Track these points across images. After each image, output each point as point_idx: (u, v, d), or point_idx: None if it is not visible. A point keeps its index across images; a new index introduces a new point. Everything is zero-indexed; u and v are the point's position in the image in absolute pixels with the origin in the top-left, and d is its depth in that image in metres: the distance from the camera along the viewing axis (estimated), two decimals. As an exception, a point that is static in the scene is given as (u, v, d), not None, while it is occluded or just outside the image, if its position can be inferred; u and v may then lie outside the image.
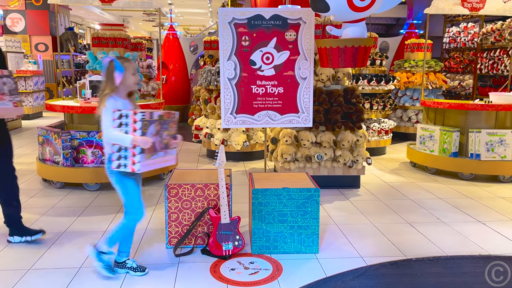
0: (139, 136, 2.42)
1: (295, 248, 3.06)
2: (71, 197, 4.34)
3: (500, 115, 5.12)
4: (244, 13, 3.62)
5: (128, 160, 2.47)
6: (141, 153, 2.44)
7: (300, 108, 3.79)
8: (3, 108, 2.81)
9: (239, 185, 4.66)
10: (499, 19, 7.88)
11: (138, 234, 3.37)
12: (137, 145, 2.42)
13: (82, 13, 17.57)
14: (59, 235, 3.38)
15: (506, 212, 3.98)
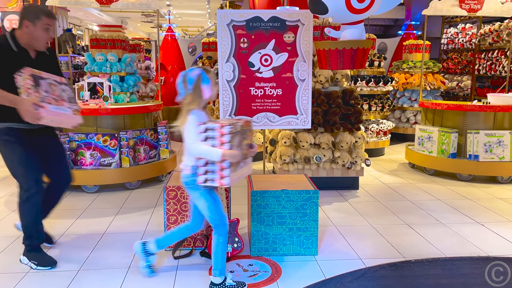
0: (228, 149, 2.34)
1: (294, 250, 3.06)
2: (70, 199, 4.33)
3: (498, 116, 5.13)
4: (242, 15, 3.62)
5: (215, 174, 2.38)
6: (229, 167, 2.37)
7: (298, 110, 3.79)
8: (64, 113, 2.72)
9: (238, 187, 4.66)
10: (497, 20, 7.90)
11: (136, 237, 3.37)
12: (226, 159, 2.34)
13: (80, 14, 17.56)
14: (59, 237, 3.37)
15: (504, 213, 3.99)
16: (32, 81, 2.58)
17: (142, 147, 4.67)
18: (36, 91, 2.58)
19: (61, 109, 2.71)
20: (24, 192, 2.75)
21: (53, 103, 2.67)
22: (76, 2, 4.98)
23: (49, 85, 2.69)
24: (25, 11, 2.66)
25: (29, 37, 2.66)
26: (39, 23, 2.64)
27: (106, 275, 2.78)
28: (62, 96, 2.76)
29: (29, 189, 2.74)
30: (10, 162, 2.77)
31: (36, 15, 2.63)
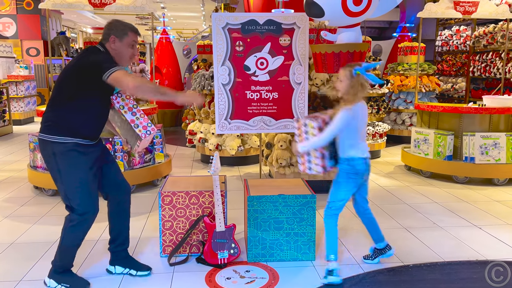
0: None
1: (292, 256, 3.03)
2: (63, 205, 4.24)
3: (494, 118, 5.13)
4: (237, 18, 3.59)
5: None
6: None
7: (295, 113, 3.76)
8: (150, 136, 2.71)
9: (234, 191, 4.62)
10: (491, 22, 7.93)
11: (131, 242, 3.31)
12: None
13: (74, 17, 17.47)
14: (51, 244, 3.32)
15: (501, 216, 3.98)
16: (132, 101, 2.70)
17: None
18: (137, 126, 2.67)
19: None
20: (78, 215, 2.53)
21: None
22: (69, 5, 4.93)
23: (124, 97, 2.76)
24: (112, 26, 2.58)
25: (114, 53, 2.58)
26: (126, 39, 2.57)
27: (100, 282, 2.73)
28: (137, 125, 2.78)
29: (84, 214, 2.53)
30: (68, 180, 2.50)
31: (123, 31, 2.56)
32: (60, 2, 4.91)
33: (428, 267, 2.96)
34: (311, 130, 2.65)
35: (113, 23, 2.59)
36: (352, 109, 2.58)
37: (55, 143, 2.46)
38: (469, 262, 3.03)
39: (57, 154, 2.47)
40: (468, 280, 2.78)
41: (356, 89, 2.60)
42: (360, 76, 2.60)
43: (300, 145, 2.69)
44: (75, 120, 2.48)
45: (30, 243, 3.36)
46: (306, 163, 2.75)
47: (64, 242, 2.59)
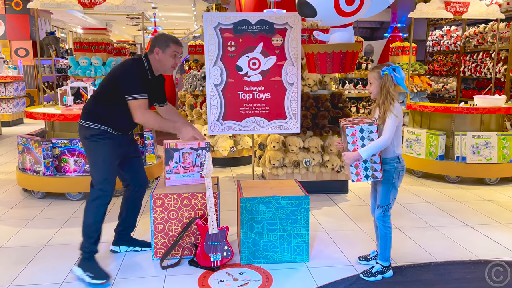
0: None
1: (285, 257, 3.00)
2: (53, 207, 4.20)
3: (485, 118, 5.16)
4: (229, 18, 3.56)
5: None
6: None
7: (287, 114, 3.74)
8: (188, 180, 3.14)
9: (227, 192, 4.59)
10: (481, 22, 7.98)
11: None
12: None
13: (63, 17, 17.29)
14: (40, 248, 3.26)
15: (493, 215, 3.99)
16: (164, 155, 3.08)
17: (128, 153, 4.56)
18: (167, 164, 3.07)
19: (187, 176, 3.13)
20: (98, 190, 2.79)
21: (181, 172, 3.11)
22: (58, 5, 4.86)
23: (182, 154, 3.11)
24: (156, 39, 2.88)
25: (158, 63, 2.88)
26: (168, 50, 2.85)
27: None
28: (194, 163, 3.13)
29: (102, 188, 2.79)
30: (94, 159, 2.83)
31: (166, 42, 2.85)
32: (49, 2, 4.84)
33: (422, 268, 2.95)
34: (371, 135, 2.59)
35: (158, 36, 2.91)
36: (398, 110, 2.61)
37: (88, 128, 2.82)
38: (463, 262, 3.03)
39: (88, 137, 2.82)
40: (461, 280, 2.78)
41: (387, 89, 2.62)
42: (388, 76, 2.62)
43: (362, 152, 2.58)
44: (106, 113, 2.83)
45: (19, 247, 3.30)
46: (362, 172, 2.64)
47: (86, 220, 2.79)
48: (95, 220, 2.78)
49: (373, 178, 2.66)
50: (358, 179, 2.66)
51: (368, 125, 2.60)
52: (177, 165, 3.11)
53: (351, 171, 2.67)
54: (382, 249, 2.79)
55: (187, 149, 3.11)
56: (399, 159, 2.70)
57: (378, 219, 2.77)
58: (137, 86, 2.76)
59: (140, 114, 2.77)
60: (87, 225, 2.78)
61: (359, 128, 2.61)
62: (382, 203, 2.74)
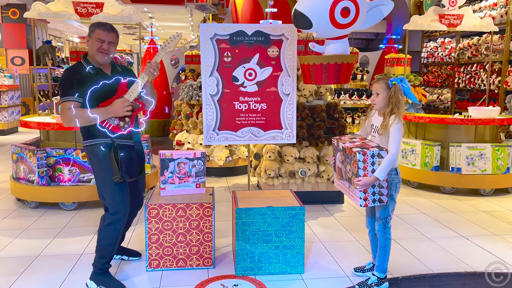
0: None
1: (280, 269, 2.99)
2: (47, 217, 4.17)
3: (479, 129, 5.19)
4: (226, 29, 3.58)
5: None
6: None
7: (283, 124, 3.74)
8: (184, 190, 3.12)
9: (222, 202, 4.57)
10: (475, 35, 8.08)
11: (116, 257, 3.24)
12: None
13: (60, 26, 17.32)
14: (34, 258, 3.22)
15: (488, 226, 4.00)
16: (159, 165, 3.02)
17: (123, 162, 4.54)
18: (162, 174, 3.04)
19: (183, 186, 3.11)
20: (110, 215, 2.72)
21: (176, 182, 3.09)
22: (55, 15, 4.87)
23: (177, 164, 3.09)
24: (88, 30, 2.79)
25: (89, 51, 2.77)
26: (93, 35, 2.74)
27: (84, 299, 2.65)
28: (189, 173, 3.11)
29: (116, 213, 2.72)
30: (101, 180, 2.75)
31: (91, 28, 2.76)
32: (46, 11, 4.86)
33: (418, 279, 2.94)
34: (379, 159, 2.55)
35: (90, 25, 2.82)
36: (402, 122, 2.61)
37: (86, 146, 2.76)
38: (458, 274, 3.03)
39: (90, 156, 2.76)
40: (457, 292, 2.77)
41: (396, 99, 2.62)
42: (397, 86, 2.63)
43: (378, 173, 2.52)
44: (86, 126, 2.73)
45: (12, 257, 3.26)
46: (369, 196, 2.58)
47: (101, 241, 2.76)
48: (110, 243, 2.76)
49: (379, 203, 2.63)
50: (366, 204, 2.60)
51: (379, 151, 2.55)
52: (172, 175, 3.10)
53: (360, 196, 2.59)
54: (380, 261, 2.78)
55: (182, 159, 3.10)
56: (396, 171, 2.70)
57: (379, 231, 2.76)
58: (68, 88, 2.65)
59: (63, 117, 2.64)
60: (101, 246, 2.76)
61: (370, 154, 2.53)
62: (381, 215, 2.73)
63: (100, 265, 2.77)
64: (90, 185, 4.30)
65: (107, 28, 2.77)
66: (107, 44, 2.74)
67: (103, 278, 2.76)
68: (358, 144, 2.67)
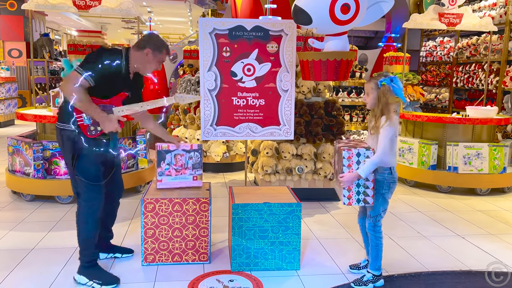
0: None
1: (276, 265, 2.98)
2: (42, 210, 4.15)
3: (477, 128, 5.20)
4: (225, 23, 3.56)
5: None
6: None
7: (281, 121, 3.74)
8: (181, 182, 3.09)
9: (219, 198, 4.57)
10: (474, 34, 8.08)
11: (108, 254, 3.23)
12: None
13: (58, 19, 17.22)
14: (28, 251, 3.21)
15: (484, 226, 4.01)
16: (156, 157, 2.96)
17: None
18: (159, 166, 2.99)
19: (179, 178, 3.07)
20: (85, 202, 2.71)
21: (172, 174, 3.05)
22: (53, 7, 4.83)
23: (174, 156, 3.05)
24: (151, 39, 2.76)
25: (141, 62, 2.75)
26: (159, 56, 2.76)
27: None
28: (186, 165, 3.07)
29: (90, 200, 2.70)
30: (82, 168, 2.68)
31: (160, 48, 2.75)
32: (44, 3, 4.81)
33: (413, 277, 2.94)
34: (366, 158, 2.58)
35: (153, 37, 2.79)
36: (394, 121, 2.58)
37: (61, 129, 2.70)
38: (453, 272, 3.03)
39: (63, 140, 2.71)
40: (452, 291, 2.78)
41: (386, 99, 2.59)
42: (386, 87, 2.59)
43: (360, 171, 2.56)
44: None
45: (6, 250, 3.24)
46: (354, 195, 2.62)
47: (81, 235, 2.72)
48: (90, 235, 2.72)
49: (364, 203, 2.65)
50: (349, 202, 2.65)
51: (365, 150, 2.58)
52: (169, 167, 3.07)
53: (344, 194, 2.64)
54: (373, 259, 2.78)
55: (179, 151, 3.08)
56: (390, 171, 2.68)
57: (369, 230, 2.76)
58: (90, 65, 2.58)
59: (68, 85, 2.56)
60: (83, 239, 2.72)
61: (356, 152, 2.58)
62: (372, 213, 2.73)
63: (88, 257, 2.73)
64: (86, 179, 4.27)
65: (169, 52, 2.83)
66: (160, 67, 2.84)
67: (94, 271, 2.72)
68: (351, 145, 2.68)
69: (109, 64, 2.63)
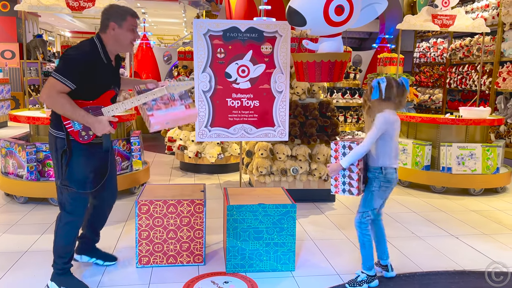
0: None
1: (271, 266, 2.98)
2: (36, 212, 4.12)
3: (470, 129, 5.23)
4: (219, 25, 3.56)
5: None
6: None
7: (276, 122, 3.74)
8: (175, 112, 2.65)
9: (214, 199, 4.56)
10: (467, 36, 8.14)
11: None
12: None
13: (52, 20, 17.13)
14: (22, 254, 3.19)
15: (477, 226, 4.03)
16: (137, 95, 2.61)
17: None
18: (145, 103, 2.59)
19: (171, 110, 2.66)
20: (67, 214, 2.61)
21: (162, 108, 2.65)
22: (46, 8, 4.81)
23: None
24: (108, 12, 2.50)
25: (114, 41, 2.52)
26: (126, 24, 2.50)
27: (73, 295, 2.63)
28: (173, 97, 2.69)
29: (73, 212, 2.62)
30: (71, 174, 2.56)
31: (122, 15, 2.49)
32: (37, 4, 4.79)
33: (407, 278, 2.95)
34: (349, 150, 2.66)
35: (110, 9, 2.52)
36: (387, 113, 2.63)
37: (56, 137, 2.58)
38: (447, 272, 3.05)
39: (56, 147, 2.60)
40: (446, 291, 2.79)
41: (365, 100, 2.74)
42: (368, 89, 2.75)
43: (342, 161, 2.64)
44: None
45: (0, 252, 3.22)
46: (340, 185, 2.73)
47: (58, 241, 2.65)
48: (68, 242, 2.66)
49: (349, 194, 2.73)
50: (336, 191, 2.77)
51: (350, 143, 2.68)
52: (155, 102, 2.68)
53: (331, 183, 2.78)
54: (363, 258, 2.80)
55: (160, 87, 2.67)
56: (381, 170, 2.70)
57: (356, 225, 2.81)
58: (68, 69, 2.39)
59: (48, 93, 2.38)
60: (59, 247, 2.65)
61: (341, 144, 2.70)
62: (360, 209, 2.80)
63: (60, 265, 2.65)
64: (80, 181, 4.25)
65: (136, 15, 2.57)
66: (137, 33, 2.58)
67: (64, 278, 2.65)
68: (347, 139, 2.78)
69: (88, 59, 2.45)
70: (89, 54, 2.47)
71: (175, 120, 2.69)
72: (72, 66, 2.41)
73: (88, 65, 2.45)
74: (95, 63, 2.49)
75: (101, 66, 2.53)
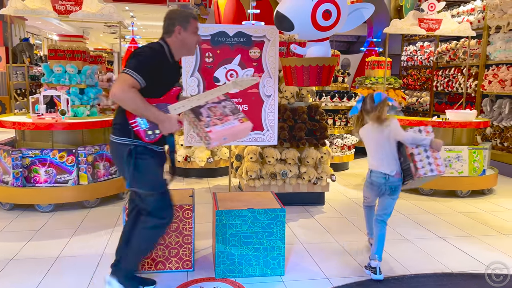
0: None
1: (261, 271, 2.98)
2: (21, 219, 4.06)
3: (457, 132, 5.29)
4: (207, 29, 3.56)
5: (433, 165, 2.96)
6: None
7: (265, 126, 3.74)
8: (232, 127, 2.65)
9: (203, 204, 4.54)
10: (453, 39, 8.24)
11: (94, 259, 3.18)
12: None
13: (39, 23, 16.95)
14: (8, 262, 3.13)
15: (465, 228, 4.07)
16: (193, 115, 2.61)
17: (102, 163, 4.46)
18: (200, 120, 2.59)
19: (227, 125, 2.67)
20: (158, 219, 2.53)
21: (218, 123, 2.66)
22: (32, 12, 4.75)
23: (209, 109, 2.70)
24: (174, 17, 2.54)
25: (181, 44, 2.55)
26: (190, 27, 2.53)
27: (59, 304, 2.59)
28: (225, 113, 2.73)
29: (164, 217, 2.56)
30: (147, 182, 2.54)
31: (186, 18, 2.52)
32: (23, 8, 4.73)
33: (396, 280, 2.97)
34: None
35: (174, 13, 2.56)
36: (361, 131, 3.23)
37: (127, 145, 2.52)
38: (436, 275, 3.07)
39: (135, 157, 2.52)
40: (434, 293, 2.81)
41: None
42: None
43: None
44: None
45: (-16, 261, 3.16)
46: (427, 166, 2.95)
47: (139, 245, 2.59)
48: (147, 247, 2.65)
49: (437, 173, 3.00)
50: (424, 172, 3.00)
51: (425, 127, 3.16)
52: (210, 118, 2.69)
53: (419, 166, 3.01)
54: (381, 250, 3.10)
55: (210, 104, 2.74)
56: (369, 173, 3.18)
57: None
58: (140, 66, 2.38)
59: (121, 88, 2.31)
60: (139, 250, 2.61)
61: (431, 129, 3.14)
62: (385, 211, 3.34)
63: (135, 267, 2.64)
64: (68, 186, 4.21)
65: (197, 17, 2.58)
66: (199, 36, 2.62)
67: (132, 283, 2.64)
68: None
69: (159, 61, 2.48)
70: (160, 53, 2.51)
71: (232, 134, 2.68)
72: (144, 63, 2.41)
73: (159, 63, 2.48)
74: (163, 62, 2.52)
75: (167, 66, 2.55)
